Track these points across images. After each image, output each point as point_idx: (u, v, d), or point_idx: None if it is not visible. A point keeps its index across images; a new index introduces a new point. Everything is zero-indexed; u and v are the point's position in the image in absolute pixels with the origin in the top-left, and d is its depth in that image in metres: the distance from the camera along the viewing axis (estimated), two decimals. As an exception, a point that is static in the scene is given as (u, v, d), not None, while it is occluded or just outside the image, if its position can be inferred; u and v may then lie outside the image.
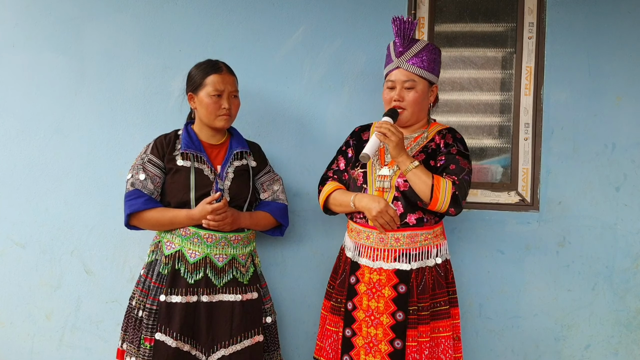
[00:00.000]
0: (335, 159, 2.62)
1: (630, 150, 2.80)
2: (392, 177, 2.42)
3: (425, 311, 2.39)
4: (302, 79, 2.92)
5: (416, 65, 2.43)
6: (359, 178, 2.48)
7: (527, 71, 2.87)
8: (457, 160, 2.40)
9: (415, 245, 2.42)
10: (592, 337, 2.84)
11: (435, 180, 2.32)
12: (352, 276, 2.46)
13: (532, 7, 2.85)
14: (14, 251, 2.99)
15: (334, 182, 2.56)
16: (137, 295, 2.49)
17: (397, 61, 2.45)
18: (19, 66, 2.98)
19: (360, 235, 2.47)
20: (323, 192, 2.55)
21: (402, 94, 2.44)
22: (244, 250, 2.51)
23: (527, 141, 2.86)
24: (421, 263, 2.42)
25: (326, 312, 2.57)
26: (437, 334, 2.43)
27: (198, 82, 2.48)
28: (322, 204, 2.56)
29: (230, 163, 2.52)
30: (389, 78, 2.47)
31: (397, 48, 2.46)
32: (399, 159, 2.34)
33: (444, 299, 2.44)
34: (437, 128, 2.53)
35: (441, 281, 2.45)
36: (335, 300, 2.51)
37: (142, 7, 2.95)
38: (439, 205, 2.33)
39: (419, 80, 2.44)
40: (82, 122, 2.97)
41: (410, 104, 2.44)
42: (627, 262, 2.81)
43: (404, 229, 2.41)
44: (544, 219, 2.84)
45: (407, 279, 2.40)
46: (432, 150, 2.47)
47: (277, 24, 2.92)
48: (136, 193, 2.44)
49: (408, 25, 2.44)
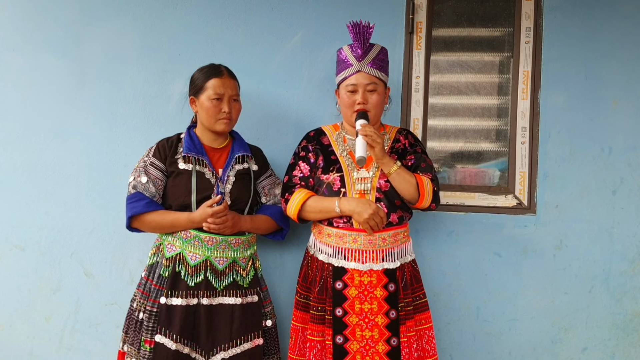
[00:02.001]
0: (295, 165, 2.58)
1: (627, 153, 2.82)
2: (373, 178, 2.46)
3: (409, 306, 2.47)
4: (301, 83, 2.93)
5: (375, 68, 2.48)
6: (335, 182, 2.48)
7: (524, 75, 2.89)
8: (424, 159, 2.54)
9: (397, 243, 2.49)
10: (589, 340, 2.85)
11: (418, 179, 2.44)
12: (337, 282, 2.45)
13: (529, 11, 2.87)
14: (13, 254, 2.99)
15: (302, 189, 2.53)
16: (138, 297, 2.50)
17: (358, 65, 2.47)
18: (19, 69, 2.99)
19: (344, 239, 2.46)
20: (295, 201, 2.49)
21: (366, 97, 2.47)
22: (244, 254, 2.52)
23: (524, 145, 2.88)
24: (402, 260, 2.50)
25: (302, 324, 2.53)
26: (420, 326, 2.52)
27: (199, 86, 2.49)
28: (295, 212, 2.50)
29: (232, 166, 2.53)
30: (349, 82, 2.49)
31: (356, 52, 2.48)
32: (383, 161, 2.40)
33: (422, 292, 2.55)
34: (394, 128, 2.64)
35: (417, 275, 2.55)
36: (315, 309, 2.47)
37: (142, 11, 2.96)
38: (424, 202, 2.46)
39: (379, 82, 2.49)
40: (82, 125, 2.97)
41: (374, 106, 2.49)
42: (623, 265, 2.83)
43: (389, 229, 2.47)
44: (541, 222, 2.86)
45: (394, 277, 2.45)
46: (402, 149, 2.56)
47: (276, 27, 2.93)
48: (138, 196, 2.45)
49: (366, 29, 2.49)
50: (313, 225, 2.60)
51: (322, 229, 2.52)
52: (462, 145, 2.98)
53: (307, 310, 2.52)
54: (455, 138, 2.98)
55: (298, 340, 2.54)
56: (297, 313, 2.56)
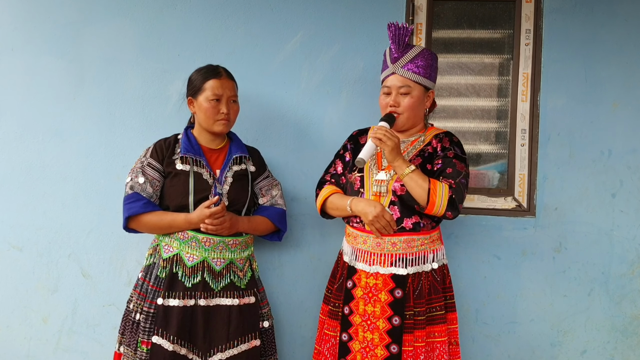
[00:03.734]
0: (333, 163, 2.63)
1: (627, 156, 2.82)
2: (389, 181, 2.43)
3: (421, 316, 2.40)
4: (300, 84, 2.93)
5: (411, 71, 2.45)
6: (356, 182, 2.49)
7: (524, 77, 2.88)
8: (454, 164, 2.41)
9: (411, 250, 2.42)
10: (588, 343, 2.84)
11: (432, 184, 2.33)
12: (349, 280, 2.47)
13: (529, 14, 2.87)
14: (11, 254, 2.99)
15: (331, 185, 2.56)
16: (134, 298, 2.49)
17: (393, 67, 2.47)
18: (18, 70, 2.99)
19: (357, 240, 2.47)
20: (320, 196, 2.56)
21: (398, 100, 2.46)
22: (241, 255, 2.51)
23: (524, 147, 2.87)
24: (417, 268, 2.43)
25: (324, 317, 2.57)
26: (432, 338, 2.43)
27: (197, 87, 2.49)
28: (319, 207, 2.57)
29: (230, 167, 2.53)
30: (385, 84, 2.49)
31: (392, 54, 2.48)
32: (395, 164, 2.36)
33: (439, 304, 2.45)
34: (434, 132, 2.55)
35: (437, 286, 2.46)
36: (333, 305, 2.51)
37: (141, 11, 2.96)
38: (435, 209, 2.34)
39: (414, 85, 2.45)
40: (81, 125, 2.97)
41: (406, 109, 2.46)
42: (623, 268, 2.82)
43: (401, 234, 2.41)
44: (540, 224, 2.85)
45: (403, 284, 2.40)
46: (429, 154, 2.48)
47: (276, 29, 2.93)
48: (135, 196, 2.44)
49: (403, 31, 2.46)
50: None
51: (346, 228, 2.56)
52: (461, 147, 2.98)
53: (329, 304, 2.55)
54: (455, 140, 2.98)
55: (322, 332, 2.57)
56: (323, 306, 2.61)
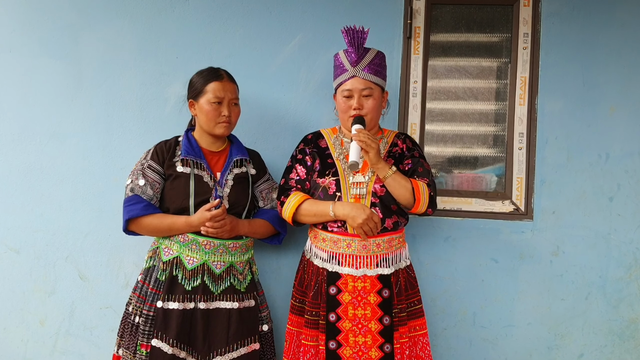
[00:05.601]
0: (292, 168, 2.58)
1: (624, 160, 2.83)
2: (368, 183, 2.46)
3: (403, 312, 2.46)
4: (298, 87, 2.93)
5: (371, 73, 2.48)
6: (330, 186, 2.48)
7: (521, 81, 2.89)
8: (422, 163, 2.53)
9: (392, 249, 2.48)
10: (585, 347, 2.85)
11: (414, 183, 2.43)
12: (331, 287, 2.45)
13: (527, 17, 2.88)
14: (8, 256, 2.98)
15: (298, 192, 2.52)
16: (134, 301, 2.49)
17: (353, 70, 2.48)
18: (16, 71, 2.98)
19: (338, 245, 2.46)
20: (290, 203, 2.49)
21: (361, 102, 2.48)
22: (241, 258, 2.51)
23: (522, 150, 2.88)
24: (396, 266, 2.49)
25: (297, 328, 2.53)
26: (414, 332, 2.51)
27: (199, 89, 2.49)
28: (290, 215, 2.50)
29: (230, 170, 2.53)
30: (345, 87, 2.49)
31: (350, 57, 2.49)
32: (378, 166, 2.40)
33: (417, 298, 2.55)
34: (392, 133, 2.63)
35: (412, 281, 2.54)
36: (310, 314, 2.47)
37: (140, 13, 2.96)
38: (420, 207, 2.44)
39: (375, 87, 2.49)
40: (79, 127, 2.96)
41: (370, 110, 2.49)
42: (620, 272, 2.83)
43: (384, 234, 2.46)
44: (537, 228, 2.86)
45: (389, 283, 2.44)
46: (399, 154, 2.55)
47: (274, 31, 2.93)
48: (135, 199, 2.43)
49: (361, 35, 2.49)
50: (310, 229, 2.59)
51: (317, 234, 2.52)
52: (459, 150, 2.98)
53: (302, 314, 2.52)
54: (453, 143, 2.98)
55: (292, 344, 2.53)
56: (293, 317, 2.56)
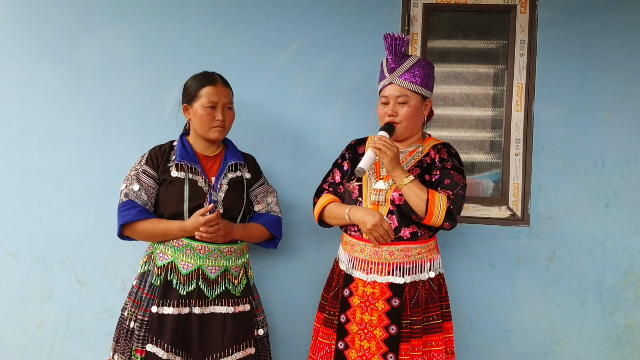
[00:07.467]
0: (331, 172, 2.64)
1: (620, 166, 2.83)
2: (388, 190, 2.44)
3: (418, 325, 2.40)
4: (296, 93, 2.94)
5: (408, 81, 2.46)
6: (354, 191, 2.50)
7: (518, 87, 2.90)
8: (452, 175, 2.42)
9: (409, 259, 2.43)
10: (581, 352, 2.85)
11: (430, 194, 2.34)
12: (345, 289, 2.47)
13: (524, 24, 2.89)
14: (5, 260, 2.98)
15: (329, 194, 2.57)
16: (129, 306, 2.49)
17: (390, 77, 2.48)
18: (15, 75, 2.99)
19: (354, 248, 2.48)
20: (318, 205, 2.56)
21: (396, 109, 2.47)
22: (236, 262, 2.51)
23: (518, 156, 2.89)
24: (414, 277, 2.43)
25: (319, 325, 2.57)
26: (429, 347, 2.43)
27: (193, 94, 2.49)
28: (317, 216, 2.57)
29: (225, 175, 2.53)
30: (383, 94, 2.51)
31: (389, 64, 2.50)
32: (394, 173, 2.37)
33: (436, 313, 2.46)
34: (432, 142, 2.56)
35: (434, 295, 2.46)
36: (328, 313, 2.51)
37: (139, 19, 2.97)
38: (433, 220, 2.35)
39: (412, 95, 2.47)
40: (77, 132, 2.97)
41: (404, 118, 2.47)
42: (616, 278, 2.83)
43: (398, 243, 2.42)
44: (534, 233, 2.86)
45: (400, 293, 2.41)
46: (427, 164, 2.49)
47: (272, 38, 2.94)
48: (130, 204, 2.44)
49: (399, 42, 2.47)
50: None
51: (344, 236, 2.56)
52: (456, 156, 2.99)
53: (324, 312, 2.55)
54: (450, 149, 2.99)
55: (316, 341, 2.56)
56: (318, 314, 2.60)
